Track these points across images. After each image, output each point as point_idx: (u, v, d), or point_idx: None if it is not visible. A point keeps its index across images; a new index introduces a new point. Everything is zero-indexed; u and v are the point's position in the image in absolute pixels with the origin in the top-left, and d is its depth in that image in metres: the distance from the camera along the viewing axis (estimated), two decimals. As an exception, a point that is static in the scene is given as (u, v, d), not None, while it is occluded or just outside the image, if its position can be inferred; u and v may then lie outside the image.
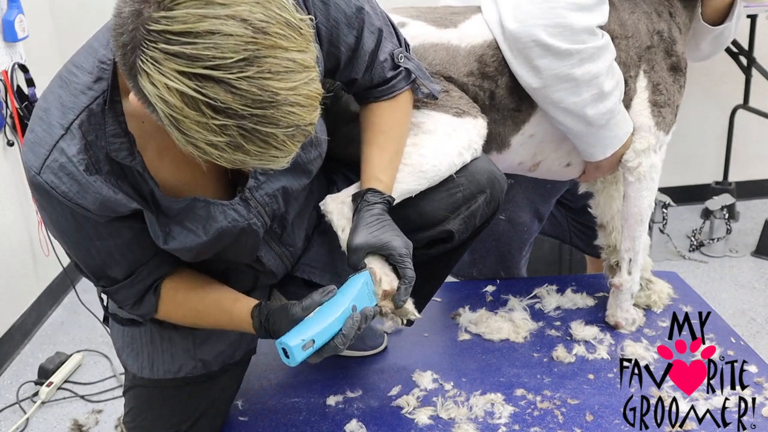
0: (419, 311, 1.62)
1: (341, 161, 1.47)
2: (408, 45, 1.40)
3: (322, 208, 1.38)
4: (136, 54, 0.90)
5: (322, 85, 1.44)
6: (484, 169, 1.47)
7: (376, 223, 1.28)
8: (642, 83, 1.64)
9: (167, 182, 1.18)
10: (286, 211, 1.34)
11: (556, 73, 1.50)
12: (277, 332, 1.21)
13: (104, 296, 1.46)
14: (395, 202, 1.37)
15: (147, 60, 0.89)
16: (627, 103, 1.63)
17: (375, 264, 1.27)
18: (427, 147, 1.42)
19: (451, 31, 1.57)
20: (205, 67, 0.88)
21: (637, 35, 1.61)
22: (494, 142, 1.60)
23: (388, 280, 1.27)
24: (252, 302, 1.28)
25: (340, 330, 1.18)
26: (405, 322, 1.35)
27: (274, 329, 1.23)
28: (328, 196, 1.38)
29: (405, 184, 1.40)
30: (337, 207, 1.36)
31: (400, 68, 1.36)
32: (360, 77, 1.33)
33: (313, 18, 1.15)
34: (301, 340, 1.14)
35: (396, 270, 1.28)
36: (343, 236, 1.34)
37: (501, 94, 1.56)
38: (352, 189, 1.37)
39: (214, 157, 0.94)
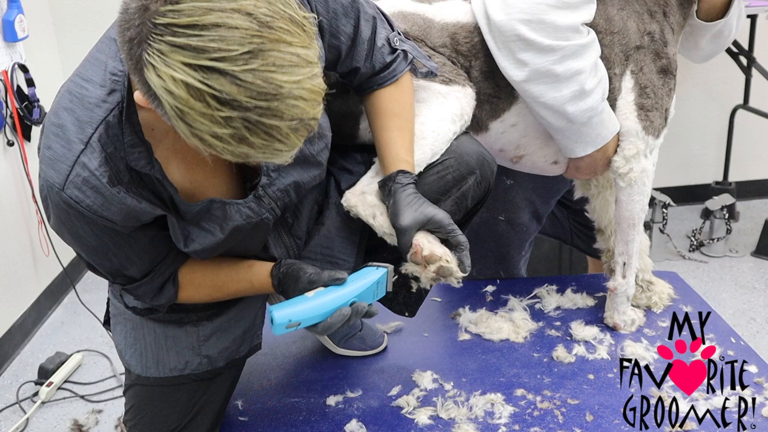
0: (420, 303, 1.63)
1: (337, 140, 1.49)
2: (399, 30, 1.43)
3: (344, 205, 1.40)
4: (143, 48, 0.92)
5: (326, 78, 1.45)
6: (473, 151, 1.48)
7: (416, 202, 1.31)
8: (628, 84, 1.62)
9: (180, 185, 1.20)
10: (300, 202, 1.37)
11: (537, 68, 1.50)
12: (287, 293, 1.28)
13: (108, 299, 1.47)
14: None
15: (153, 53, 0.91)
16: (612, 103, 1.62)
17: (422, 239, 1.29)
18: (424, 114, 1.44)
19: (426, 6, 1.59)
20: (211, 59, 0.89)
21: (624, 32, 1.60)
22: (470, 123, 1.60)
23: (442, 252, 1.28)
24: (267, 265, 1.33)
25: (327, 318, 1.22)
26: (458, 281, 1.33)
27: (285, 290, 1.30)
28: (346, 192, 1.40)
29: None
30: (359, 199, 1.38)
31: (398, 51, 1.38)
32: (362, 65, 1.35)
33: (316, 16, 1.17)
34: (288, 320, 1.19)
35: (446, 241, 1.31)
36: (377, 223, 1.36)
37: (476, 77, 1.57)
38: (369, 178, 1.39)
39: (219, 150, 0.95)
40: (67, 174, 1.10)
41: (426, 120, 1.43)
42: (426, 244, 1.28)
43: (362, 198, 1.37)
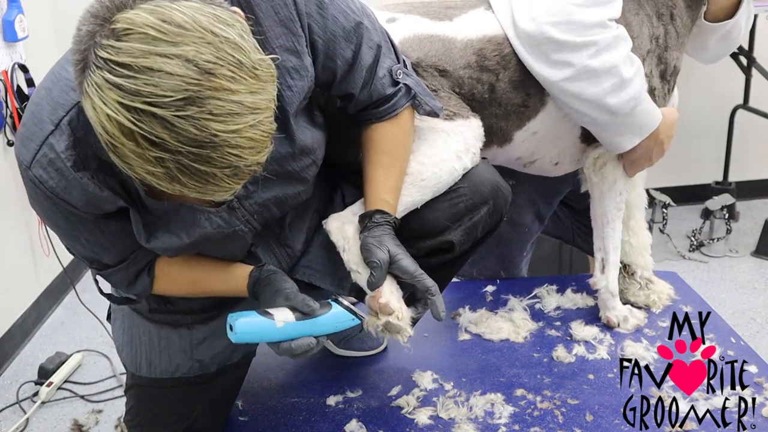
0: (417, 320, 1.62)
1: (341, 163, 1.47)
2: (407, 63, 1.38)
3: (324, 225, 1.39)
4: (84, 76, 0.92)
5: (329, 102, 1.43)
6: (487, 180, 1.46)
7: (388, 242, 1.29)
8: None
9: None
10: (287, 212, 1.34)
11: (574, 66, 1.49)
12: (260, 298, 1.27)
13: (99, 279, 1.46)
14: (400, 216, 1.37)
15: (92, 84, 0.90)
16: None
17: (387, 286, 1.28)
18: (424, 153, 1.41)
19: (446, 24, 1.56)
20: (144, 102, 0.88)
21: (641, 37, 1.60)
22: (495, 136, 1.59)
23: (397, 307, 1.28)
24: (247, 267, 1.31)
25: (290, 341, 1.22)
26: (405, 340, 1.32)
27: (258, 294, 1.28)
28: (332, 214, 1.39)
29: (409, 197, 1.39)
30: (337, 225, 1.37)
31: (400, 85, 1.34)
32: (357, 92, 1.31)
33: (308, 36, 1.17)
34: (244, 341, 1.21)
35: (405, 286, 1.30)
36: (345, 257, 1.35)
37: (503, 89, 1.55)
38: (356, 208, 1.37)
39: (154, 184, 0.95)
40: (35, 153, 1.11)
41: (427, 160, 1.40)
42: (387, 293, 1.28)
43: (341, 227, 1.36)
